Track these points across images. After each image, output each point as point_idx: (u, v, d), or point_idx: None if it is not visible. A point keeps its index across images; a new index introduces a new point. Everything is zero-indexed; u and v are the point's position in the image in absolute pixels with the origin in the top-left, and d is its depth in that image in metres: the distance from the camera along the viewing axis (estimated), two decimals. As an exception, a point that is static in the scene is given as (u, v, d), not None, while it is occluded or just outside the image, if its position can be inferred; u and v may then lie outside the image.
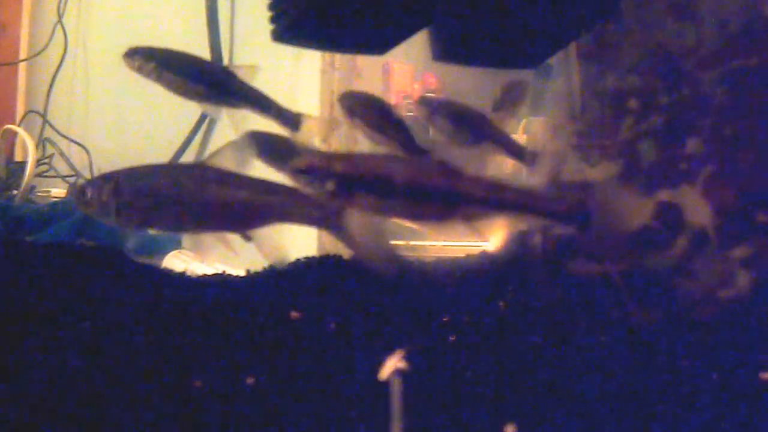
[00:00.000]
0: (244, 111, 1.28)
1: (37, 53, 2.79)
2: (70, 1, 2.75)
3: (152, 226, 0.92)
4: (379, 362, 0.66)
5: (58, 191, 2.32)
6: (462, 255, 1.29)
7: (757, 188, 0.93)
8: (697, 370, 0.72)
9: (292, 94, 2.14)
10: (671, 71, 1.00)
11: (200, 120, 2.35)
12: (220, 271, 1.20)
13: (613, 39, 1.07)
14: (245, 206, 0.91)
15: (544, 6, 0.86)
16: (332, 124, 1.55)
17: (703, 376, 0.71)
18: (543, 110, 1.63)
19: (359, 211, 0.91)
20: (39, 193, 2.31)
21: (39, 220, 1.78)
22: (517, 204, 0.87)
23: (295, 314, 0.83)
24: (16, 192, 2.13)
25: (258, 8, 1.02)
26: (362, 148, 1.65)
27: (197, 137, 2.39)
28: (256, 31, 2.24)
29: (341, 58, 2.12)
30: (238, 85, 1.26)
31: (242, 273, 1.12)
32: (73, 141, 2.62)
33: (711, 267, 0.93)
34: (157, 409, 0.61)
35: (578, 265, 1.03)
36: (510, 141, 1.37)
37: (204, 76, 1.26)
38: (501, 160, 1.34)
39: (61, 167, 2.56)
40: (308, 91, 2.11)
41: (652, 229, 0.98)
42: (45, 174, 2.51)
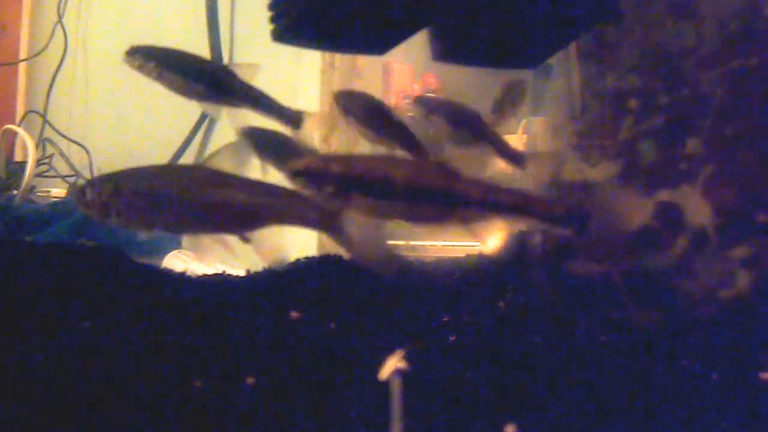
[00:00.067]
0: (245, 110, 1.28)
1: (37, 53, 2.79)
2: (70, 2, 2.75)
3: (152, 227, 0.92)
4: (379, 362, 0.66)
5: (58, 191, 2.33)
6: (462, 255, 1.29)
7: (757, 188, 0.93)
8: (697, 370, 0.73)
9: (292, 94, 2.14)
10: (671, 71, 1.00)
11: (200, 120, 2.35)
12: (220, 271, 1.20)
13: (613, 39, 1.07)
14: (243, 208, 0.91)
15: (544, 6, 0.86)
16: (334, 120, 1.54)
17: (703, 376, 0.71)
18: (543, 110, 1.63)
19: (357, 213, 0.91)
20: (39, 193, 2.31)
21: (39, 220, 1.78)
22: (515, 206, 0.87)
23: (295, 314, 0.83)
24: (16, 192, 2.14)
25: (258, 8, 1.02)
26: (362, 149, 1.65)
27: (197, 137, 2.39)
28: (256, 31, 2.24)
29: (341, 58, 2.11)
30: (239, 84, 1.25)
31: (242, 273, 1.12)
32: (73, 141, 2.63)
33: (711, 267, 0.93)
34: (157, 410, 0.61)
35: (578, 265, 1.03)
36: (502, 142, 1.36)
37: (204, 75, 1.25)
38: (495, 161, 1.33)
39: (61, 167, 2.57)
40: (308, 90, 2.11)
41: (652, 229, 0.98)
42: (45, 174, 2.51)
